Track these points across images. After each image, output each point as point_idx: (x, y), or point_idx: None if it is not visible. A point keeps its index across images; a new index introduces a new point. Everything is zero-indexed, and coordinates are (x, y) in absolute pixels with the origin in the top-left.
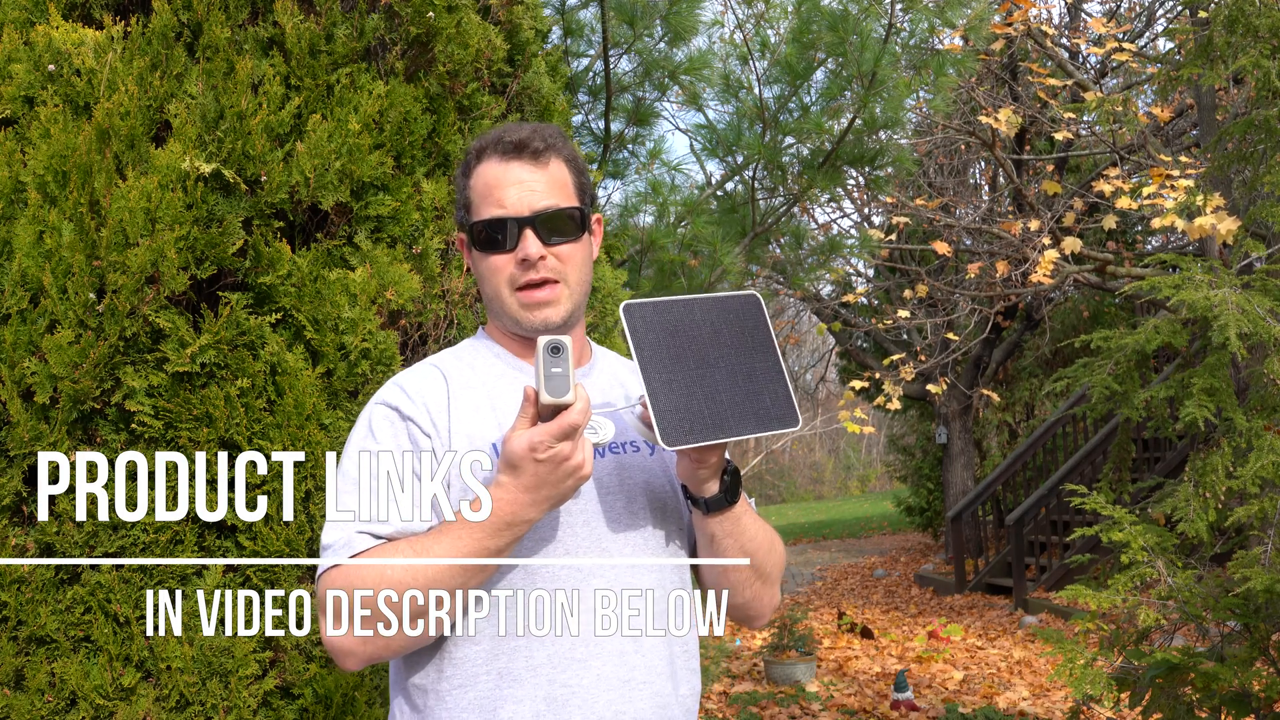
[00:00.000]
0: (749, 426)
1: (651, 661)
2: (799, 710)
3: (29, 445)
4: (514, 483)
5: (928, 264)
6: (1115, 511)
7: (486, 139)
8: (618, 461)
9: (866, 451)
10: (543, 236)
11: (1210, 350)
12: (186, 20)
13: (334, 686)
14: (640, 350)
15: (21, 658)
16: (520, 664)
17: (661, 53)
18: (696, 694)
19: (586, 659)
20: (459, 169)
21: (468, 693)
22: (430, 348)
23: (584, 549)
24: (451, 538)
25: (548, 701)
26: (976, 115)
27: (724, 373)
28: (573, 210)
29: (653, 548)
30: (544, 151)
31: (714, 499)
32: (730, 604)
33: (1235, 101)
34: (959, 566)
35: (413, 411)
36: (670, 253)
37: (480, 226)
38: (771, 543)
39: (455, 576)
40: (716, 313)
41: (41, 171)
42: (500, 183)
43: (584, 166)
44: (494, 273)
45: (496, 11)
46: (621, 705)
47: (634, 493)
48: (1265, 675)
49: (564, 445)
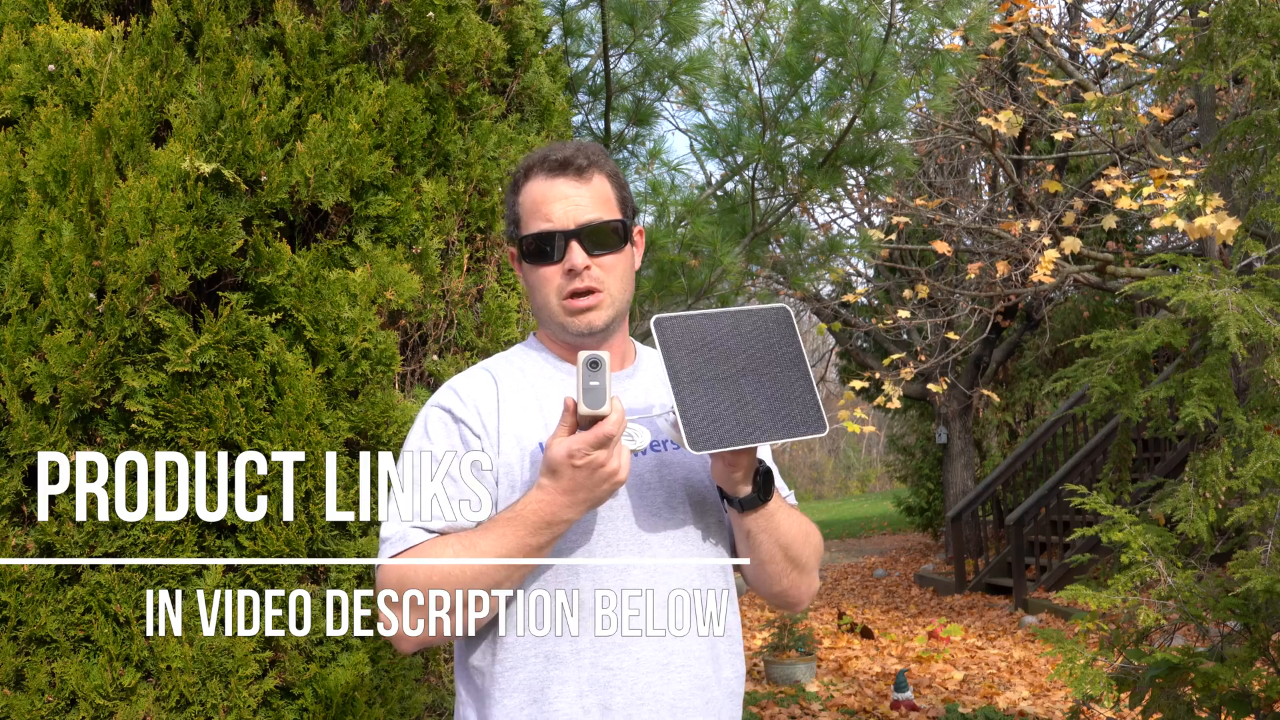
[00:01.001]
0: (776, 432)
1: (691, 646)
2: (799, 710)
3: (29, 445)
4: (554, 485)
5: (928, 264)
6: (1115, 511)
7: (533, 158)
8: (659, 459)
9: (866, 451)
10: (587, 248)
11: (1210, 350)
12: (186, 20)
13: (334, 686)
14: (670, 361)
15: (21, 658)
16: (565, 647)
17: (661, 53)
18: (741, 677)
19: (627, 644)
20: (509, 186)
21: (518, 674)
22: (430, 347)
23: (625, 544)
24: (496, 534)
25: (591, 682)
26: (976, 115)
27: (751, 381)
28: (615, 223)
29: (692, 542)
30: (587, 168)
31: (748, 499)
32: (769, 592)
33: (1235, 101)
34: (959, 566)
35: (464, 414)
36: (670, 253)
37: (529, 240)
38: (807, 534)
39: (499, 570)
40: (746, 325)
41: (41, 171)
42: (547, 198)
43: (625, 182)
44: (543, 283)
45: (496, 11)
46: (660, 687)
47: (674, 488)
48: (1265, 675)
49: (599, 453)
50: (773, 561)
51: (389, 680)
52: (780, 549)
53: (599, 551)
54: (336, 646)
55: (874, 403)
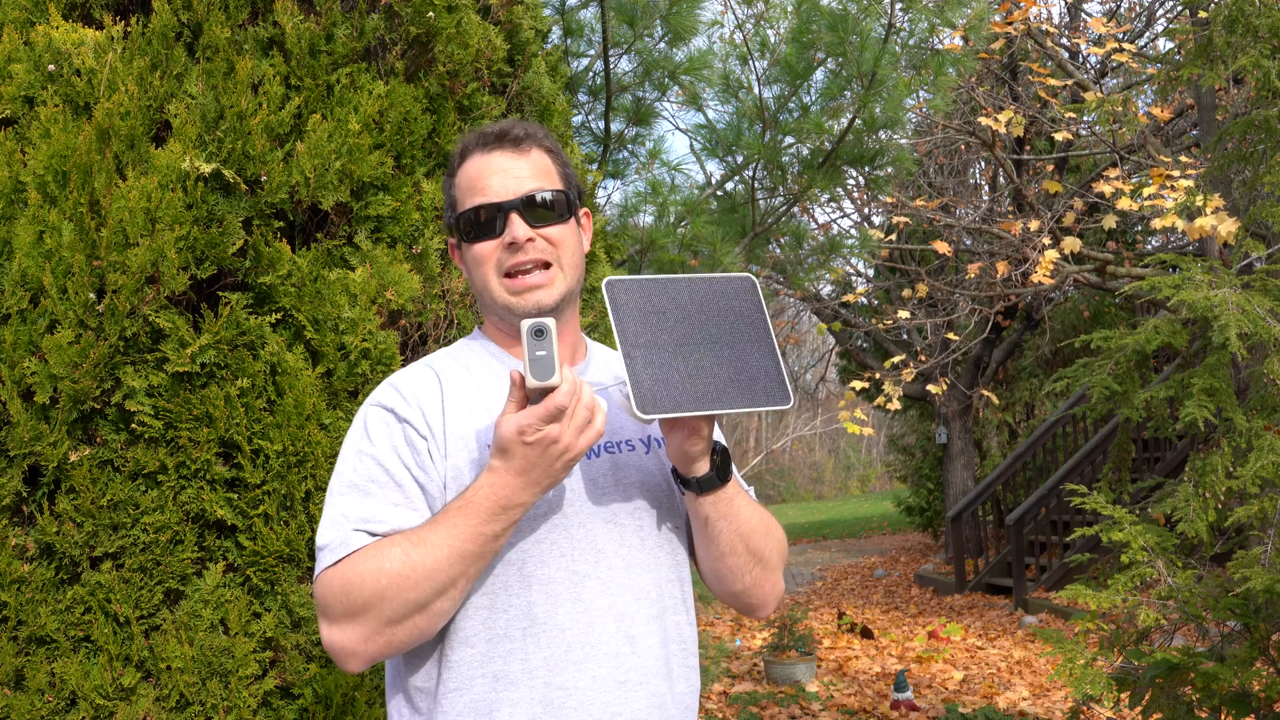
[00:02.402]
0: (736, 401)
1: (647, 662)
2: (799, 710)
3: (29, 445)
4: (505, 467)
5: (928, 264)
6: (1115, 511)
7: (468, 138)
8: (613, 461)
9: (866, 451)
10: (529, 219)
11: (1210, 350)
12: (186, 20)
13: (334, 686)
14: (620, 322)
15: (21, 658)
16: (516, 667)
17: (661, 53)
18: (695, 691)
19: (582, 661)
20: (446, 174)
21: (464, 696)
22: (430, 347)
23: (579, 551)
24: (447, 526)
25: (544, 704)
26: (976, 115)
27: (710, 349)
28: (558, 193)
29: (649, 549)
30: (524, 139)
31: (705, 478)
32: (729, 591)
33: (1235, 101)
34: (959, 566)
35: (408, 413)
36: (670, 253)
37: (466, 215)
38: (768, 527)
39: (454, 565)
40: (707, 293)
41: (41, 171)
42: (483, 172)
43: (567, 160)
44: (481, 261)
45: (496, 11)
46: (618, 707)
47: (630, 492)
48: (1265, 675)
49: (552, 428)
50: (733, 554)
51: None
52: (741, 539)
53: (552, 562)
54: None
55: (874, 403)
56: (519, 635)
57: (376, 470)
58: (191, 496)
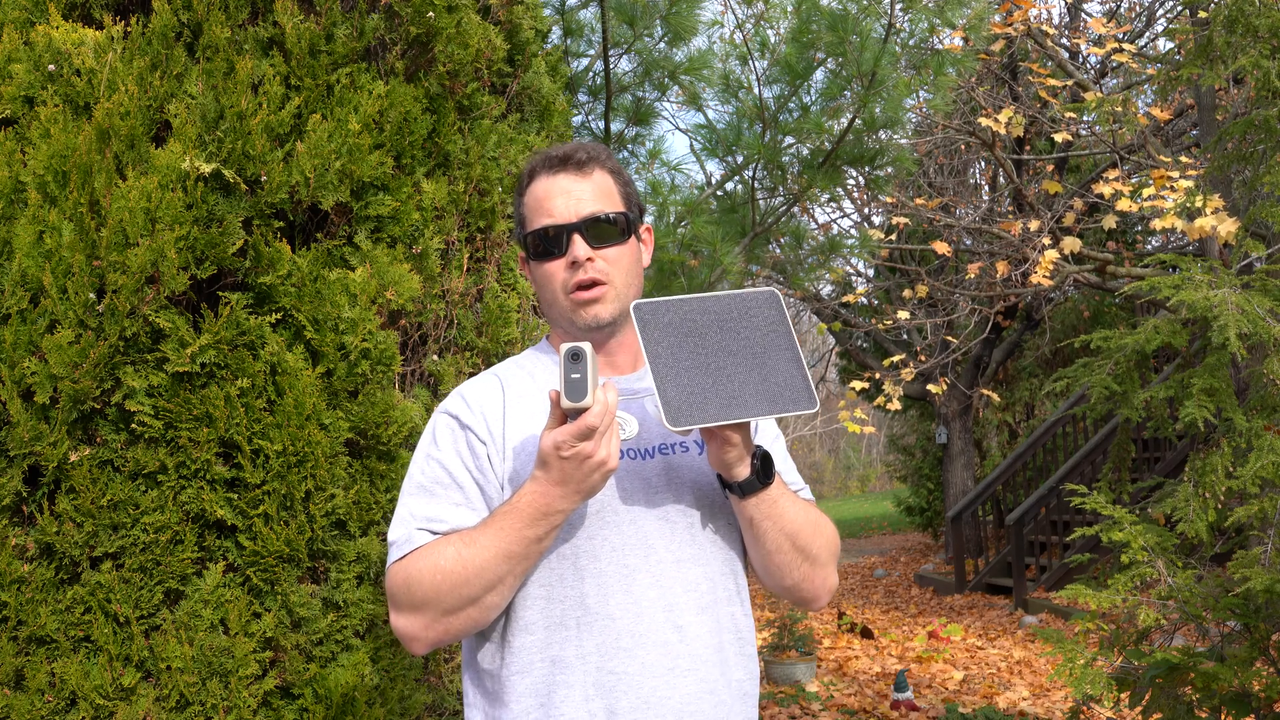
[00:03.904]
0: (761, 408)
1: (696, 650)
2: (799, 710)
3: (29, 445)
4: (545, 477)
5: (928, 264)
6: (1115, 511)
7: (535, 159)
8: (666, 462)
9: (866, 451)
10: (589, 240)
11: (1210, 350)
12: (186, 20)
13: (334, 686)
14: (648, 341)
15: (21, 658)
16: (571, 652)
17: (661, 53)
18: (754, 678)
19: (632, 648)
20: (515, 191)
21: (525, 678)
22: (430, 347)
23: (630, 546)
24: (495, 529)
25: (597, 687)
26: (976, 115)
27: (735, 360)
28: (618, 215)
29: (700, 545)
30: (587, 163)
31: (746, 482)
32: (780, 585)
33: (1235, 101)
34: (959, 566)
35: (471, 420)
36: (670, 253)
37: (533, 236)
38: (817, 524)
39: (500, 564)
40: (729, 308)
41: (41, 171)
42: (549, 194)
43: (629, 179)
44: (549, 279)
45: (496, 11)
46: (666, 691)
47: (681, 491)
48: (1265, 675)
49: (585, 445)
50: (780, 551)
51: (389, 680)
52: (787, 538)
53: (604, 556)
54: (336, 646)
55: (874, 403)
56: (574, 624)
57: (441, 473)
58: (191, 496)
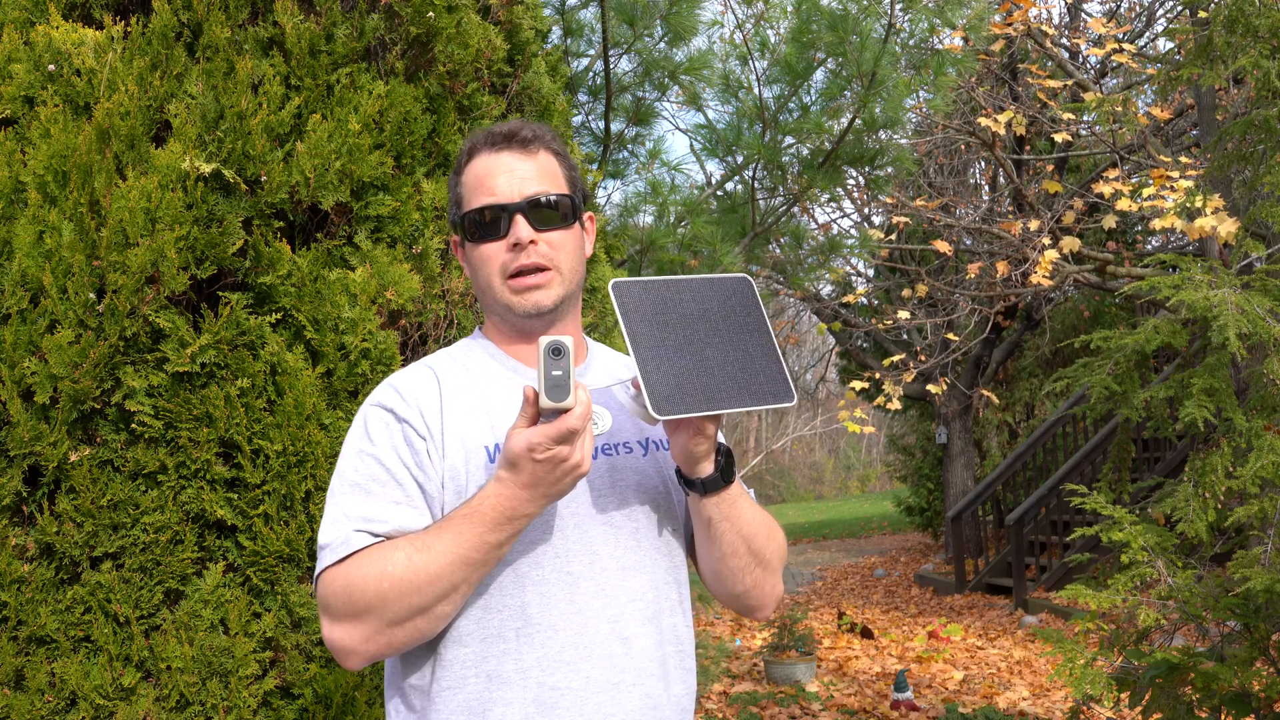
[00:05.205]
0: (742, 400)
1: (641, 663)
2: (799, 710)
3: (29, 445)
4: (513, 479)
5: (928, 264)
6: (1115, 511)
7: (476, 137)
8: (610, 464)
9: (866, 451)
10: (533, 222)
11: (1210, 350)
12: (186, 20)
13: (334, 686)
14: (630, 325)
15: (21, 658)
16: (509, 666)
17: (661, 53)
18: (691, 693)
19: (575, 662)
20: (453, 171)
21: (457, 695)
22: (430, 347)
23: (574, 552)
24: (453, 533)
25: (537, 704)
26: (976, 115)
27: (715, 349)
28: (562, 198)
29: (645, 551)
30: (532, 141)
31: (710, 479)
32: (730, 593)
33: (1235, 101)
34: (959, 566)
35: (408, 414)
36: (670, 253)
37: (472, 215)
38: (770, 529)
39: (456, 571)
40: (707, 293)
41: (41, 171)
42: (490, 172)
43: (574, 163)
44: (486, 262)
45: (496, 11)
46: (611, 708)
47: (626, 495)
48: (1265, 675)
49: (562, 448)
50: (735, 555)
51: None
52: (743, 540)
53: (546, 563)
54: None
55: (874, 403)
56: (513, 635)
57: (377, 469)
58: (191, 496)
